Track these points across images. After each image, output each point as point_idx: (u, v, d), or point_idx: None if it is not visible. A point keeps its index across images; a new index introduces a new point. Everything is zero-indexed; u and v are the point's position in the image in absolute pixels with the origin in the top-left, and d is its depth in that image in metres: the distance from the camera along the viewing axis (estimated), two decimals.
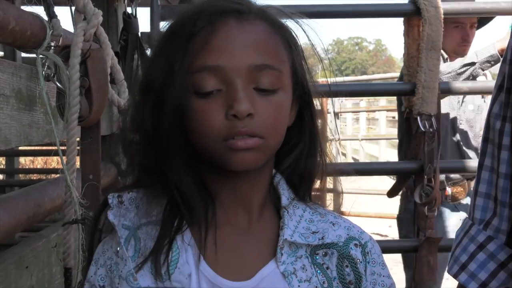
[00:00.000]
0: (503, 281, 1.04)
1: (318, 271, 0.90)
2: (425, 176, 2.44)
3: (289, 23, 0.94)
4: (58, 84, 1.36)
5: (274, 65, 0.86)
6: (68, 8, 1.51)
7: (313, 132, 0.94)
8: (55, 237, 1.57)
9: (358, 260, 0.91)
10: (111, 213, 0.91)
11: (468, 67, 2.66)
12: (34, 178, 6.42)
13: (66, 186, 1.36)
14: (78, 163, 1.47)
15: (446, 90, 2.57)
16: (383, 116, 11.82)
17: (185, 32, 0.86)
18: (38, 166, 8.41)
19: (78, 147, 1.47)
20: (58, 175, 1.56)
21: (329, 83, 1.03)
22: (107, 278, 0.91)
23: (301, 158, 0.94)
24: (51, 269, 1.54)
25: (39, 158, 8.46)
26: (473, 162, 2.57)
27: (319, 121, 0.97)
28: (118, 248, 0.89)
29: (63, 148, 1.37)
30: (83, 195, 1.41)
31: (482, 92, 2.72)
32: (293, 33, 0.93)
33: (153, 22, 2.19)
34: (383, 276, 0.94)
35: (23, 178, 6.31)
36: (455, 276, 1.08)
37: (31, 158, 8.58)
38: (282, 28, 0.91)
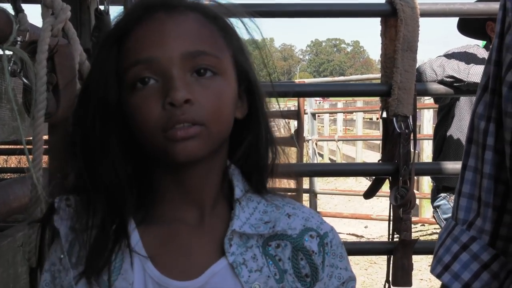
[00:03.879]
0: (486, 281, 1.04)
1: (270, 262, 0.88)
2: (400, 178, 2.43)
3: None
4: (25, 80, 1.33)
5: (209, 51, 0.86)
6: (36, 4, 1.49)
7: (259, 121, 0.93)
8: (21, 236, 1.53)
9: (313, 252, 0.90)
10: (56, 217, 0.89)
11: (453, 80, 2.62)
12: (8, 177, 6.35)
13: (32, 184, 1.33)
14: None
15: (423, 92, 2.58)
16: (360, 117, 11.89)
17: (116, 32, 0.87)
18: (12, 165, 8.32)
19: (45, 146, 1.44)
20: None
21: (306, 83, 1.01)
22: (51, 284, 0.90)
23: (252, 149, 0.93)
24: (17, 269, 1.51)
25: (13, 157, 8.37)
26: (450, 164, 2.57)
27: (296, 122, 0.96)
28: (62, 256, 0.88)
29: (29, 146, 1.34)
30: (50, 193, 1.37)
31: (461, 95, 2.73)
32: (230, 23, 0.93)
33: None
34: (340, 268, 0.93)
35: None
36: (438, 276, 1.07)
37: (4, 157, 8.50)
38: (217, 18, 0.91)
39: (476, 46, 3.10)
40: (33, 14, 1.55)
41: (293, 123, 6.31)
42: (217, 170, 0.92)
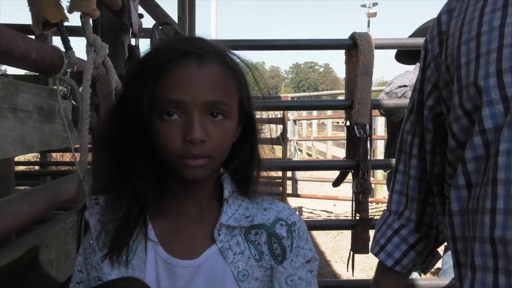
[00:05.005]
0: (412, 258, 1.05)
1: (251, 246, 0.88)
2: (360, 171, 2.43)
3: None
4: (73, 102, 1.31)
5: (225, 101, 0.85)
6: (81, 38, 1.46)
7: (254, 148, 0.93)
8: (70, 221, 1.51)
9: (282, 237, 0.89)
10: (87, 212, 0.90)
11: (402, 88, 2.65)
12: (63, 169, 6.29)
13: (78, 182, 1.31)
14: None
15: (377, 106, 2.57)
16: (329, 122, 11.89)
17: (154, 67, 0.84)
18: (67, 160, 8.26)
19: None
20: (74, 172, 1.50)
21: (289, 99, 1.00)
22: (83, 264, 0.90)
23: (241, 165, 0.93)
24: (68, 247, 1.49)
25: (67, 153, 8.30)
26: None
27: (282, 126, 0.95)
28: (91, 241, 0.88)
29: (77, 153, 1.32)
30: (93, 188, 1.35)
31: (405, 107, 2.72)
32: (242, 73, 0.91)
33: None
34: (306, 249, 0.92)
35: (55, 169, 6.18)
36: (375, 254, 1.08)
37: (61, 153, 8.42)
38: (234, 69, 0.89)
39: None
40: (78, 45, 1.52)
41: (279, 127, 6.31)
42: (213, 179, 0.92)
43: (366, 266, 4.42)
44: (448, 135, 0.91)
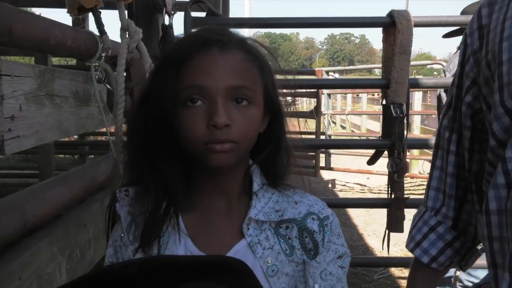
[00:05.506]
0: (449, 256, 1.02)
1: (281, 240, 0.86)
2: (396, 151, 2.38)
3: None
4: (108, 86, 1.31)
5: (248, 86, 0.82)
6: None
7: (280, 138, 0.90)
8: (106, 199, 1.54)
9: (314, 231, 0.86)
10: (118, 204, 0.88)
11: None
12: (100, 139, 6.43)
13: (114, 164, 1.32)
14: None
15: (414, 85, 2.49)
16: (364, 96, 11.67)
17: (176, 57, 0.82)
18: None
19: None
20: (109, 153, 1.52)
21: (324, 72, 0.96)
22: (114, 256, 0.89)
23: (270, 157, 0.90)
24: (104, 225, 1.52)
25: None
26: (432, 140, 2.50)
27: (316, 100, 0.91)
28: (122, 235, 0.87)
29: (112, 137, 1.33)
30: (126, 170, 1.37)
31: (444, 87, 2.64)
32: (266, 60, 0.88)
33: (186, 31, 2.12)
34: (337, 244, 0.89)
35: (93, 139, 6.33)
36: (411, 251, 1.05)
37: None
38: (257, 56, 0.86)
39: None
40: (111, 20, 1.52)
41: (313, 101, 6.20)
42: (241, 170, 0.89)
43: (399, 240, 4.38)
44: (487, 132, 0.87)
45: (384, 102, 2.46)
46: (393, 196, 2.45)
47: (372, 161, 2.72)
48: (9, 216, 0.93)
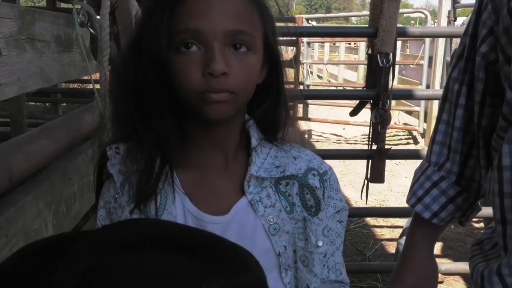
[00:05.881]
0: (451, 212, 1.01)
1: (282, 197, 0.83)
2: (380, 102, 2.37)
3: None
4: (91, 30, 1.23)
5: (248, 31, 0.76)
6: None
7: (280, 90, 0.85)
8: (91, 152, 1.48)
9: (316, 187, 0.84)
10: (109, 163, 0.82)
11: None
12: (75, 86, 6.22)
13: (100, 115, 1.26)
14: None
15: (402, 34, 2.44)
16: (342, 45, 11.56)
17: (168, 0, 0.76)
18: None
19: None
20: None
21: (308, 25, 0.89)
22: (107, 218, 0.84)
23: (268, 110, 0.85)
24: (89, 178, 1.47)
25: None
26: (418, 91, 2.49)
27: (295, 48, 0.86)
28: (116, 196, 0.81)
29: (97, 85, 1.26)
30: (112, 120, 1.31)
31: (431, 36, 2.60)
32: (267, 5, 0.82)
33: None
34: (336, 199, 0.88)
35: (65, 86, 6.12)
36: (412, 206, 1.04)
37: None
38: (257, 0, 0.80)
39: None
40: None
41: (290, 49, 6.08)
42: (238, 124, 0.85)
43: (375, 190, 4.47)
44: (501, 85, 0.83)
45: (370, 52, 2.42)
46: (374, 147, 2.46)
47: (355, 112, 2.70)
48: None
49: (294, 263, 0.86)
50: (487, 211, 2.44)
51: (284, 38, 0.89)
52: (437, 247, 3.33)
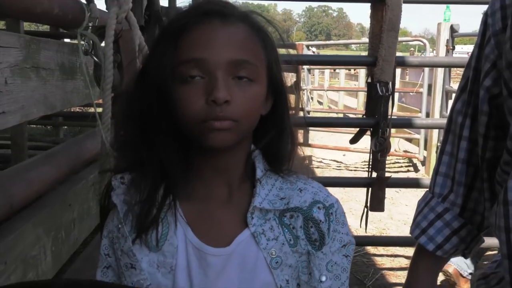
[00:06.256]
0: (455, 244, 1.01)
1: (286, 230, 0.82)
2: (380, 130, 2.38)
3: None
4: (95, 59, 1.25)
5: (251, 61, 0.77)
6: None
7: (284, 121, 0.85)
8: (92, 178, 1.49)
9: (320, 221, 0.83)
10: (113, 193, 0.83)
11: None
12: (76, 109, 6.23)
13: (101, 142, 1.27)
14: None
15: (401, 63, 2.48)
16: (342, 72, 11.67)
17: (175, 29, 0.78)
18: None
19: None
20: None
21: (304, 47, 0.91)
22: (110, 248, 0.84)
23: (273, 142, 0.85)
24: (89, 203, 1.48)
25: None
26: (418, 120, 2.51)
27: (294, 75, 0.87)
28: (119, 226, 0.81)
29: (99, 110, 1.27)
30: (114, 148, 1.32)
31: (429, 66, 2.63)
32: (270, 36, 0.84)
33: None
34: (342, 233, 0.86)
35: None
36: (416, 238, 1.03)
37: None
38: (260, 30, 0.82)
39: None
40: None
41: (290, 76, 6.13)
42: (243, 154, 0.84)
43: (375, 218, 4.45)
44: (504, 118, 0.84)
45: (369, 80, 2.45)
46: (374, 175, 2.46)
47: (355, 139, 2.71)
48: None
49: None
50: (489, 241, 2.44)
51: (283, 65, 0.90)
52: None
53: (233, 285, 0.81)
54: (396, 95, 8.38)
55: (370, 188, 2.46)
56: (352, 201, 5.23)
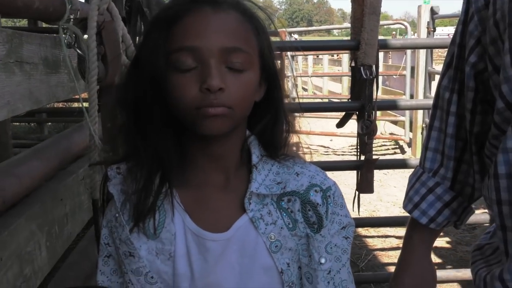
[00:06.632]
0: (447, 216, 1.03)
1: (284, 214, 0.83)
2: (366, 113, 2.40)
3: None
4: (79, 51, 1.24)
5: (243, 48, 0.78)
6: None
7: (279, 107, 0.85)
8: (82, 172, 1.48)
9: (317, 204, 0.83)
10: (110, 184, 0.84)
11: None
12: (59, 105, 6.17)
13: (90, 135, 1.27)
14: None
15: (384, 46, 2.50)
16: (326, 57, 11.69)
17: (167, 17, 0.78)
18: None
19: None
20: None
21: (291, 40, 0.92)
22: (110, 237, 0.86)
23: (268, 128, 0.85)
24: (80, 198, 1.47)
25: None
26: (402, 101, 2.53)
27: (278, 62, 0.87)
28: (117, 215, 0.83)
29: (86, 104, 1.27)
30: (103, 140, 1.32)
31: (412, 48, 2.66)
32: (262, 22, 0.84)
33: None
34: (341, 215, 0.87)
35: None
36: (409, 212, 1.06)
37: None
38: (252, 17, 0.82)
39: None
40: None
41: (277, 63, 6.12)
42: (237, 141, 0.85)
43: (365, 200, 4.50)
44: (490, 93, 0.86)
45: (353, 64, 2.46)
46: (362, 157, 2.49)
47: (341, 123, 2.74)
48: None
49: (299, 280, 0.85)
50: (479, 217, 2.49)
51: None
52: None
53: (233, 270, 0.82)
54: (380, 78, 8.42)
55: (359, 171, 2.49)
56: (341, 185, 5.25)
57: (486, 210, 2.57)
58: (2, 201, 0.92)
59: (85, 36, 1.26)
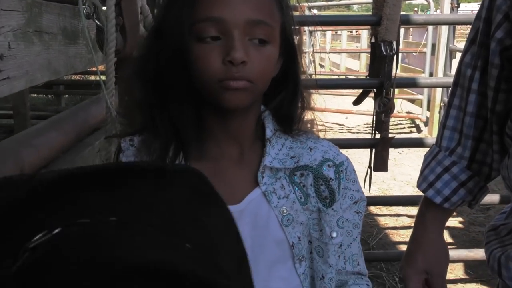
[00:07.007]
0: (462, 196, 1.02)
1: (296, 188, 0.84)
2: (384, 90, 2.37)
3: None
4: (97, 22, 1.23)
5: (268, 21, 0.77)
6: None
7: (296, 82, 0.85)
8: (98, 144, 1.49)
9: (330, 179, 0.84)
10: (123, 155, 0.84)
11: None
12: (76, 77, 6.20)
13: (106, 107, 1.27)
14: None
15: (406, 22, 2.44)
16: (344, 33, 11.51)
17: None
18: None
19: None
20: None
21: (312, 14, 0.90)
22: None
23: (284, 103, 0.85)
24: None
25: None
26: (422, 79, 2.49)
27: (297, 37, 0.85)
28: None
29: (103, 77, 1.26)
30: (120, 113, 1.31)
31: (435, 24, 2.59)
32: None
33: None
34: (353, 190, 0.88)
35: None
36: (423, 191, 1.04)
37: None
38: None
39: None
40: None
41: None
42: (254, 116, 0.85)
43: (378, 179, 4.48)
44: None
45: (373, 40, 2.42)
46: (378, 135, 2.46)
47: (358, 101, 2.70)
48: (5, 164, 0.88)
49: (309, 254, 0.86)
50: (494, 197, 2.46)
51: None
52: None
53: (246, 242, 0.82)
54: (399, 56, 8.28)
55: (373, 149, 2.48)
56: (355, 163, 5.19)
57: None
58: (20, 171, 0.93)
59: (104, 7, 1.25)
